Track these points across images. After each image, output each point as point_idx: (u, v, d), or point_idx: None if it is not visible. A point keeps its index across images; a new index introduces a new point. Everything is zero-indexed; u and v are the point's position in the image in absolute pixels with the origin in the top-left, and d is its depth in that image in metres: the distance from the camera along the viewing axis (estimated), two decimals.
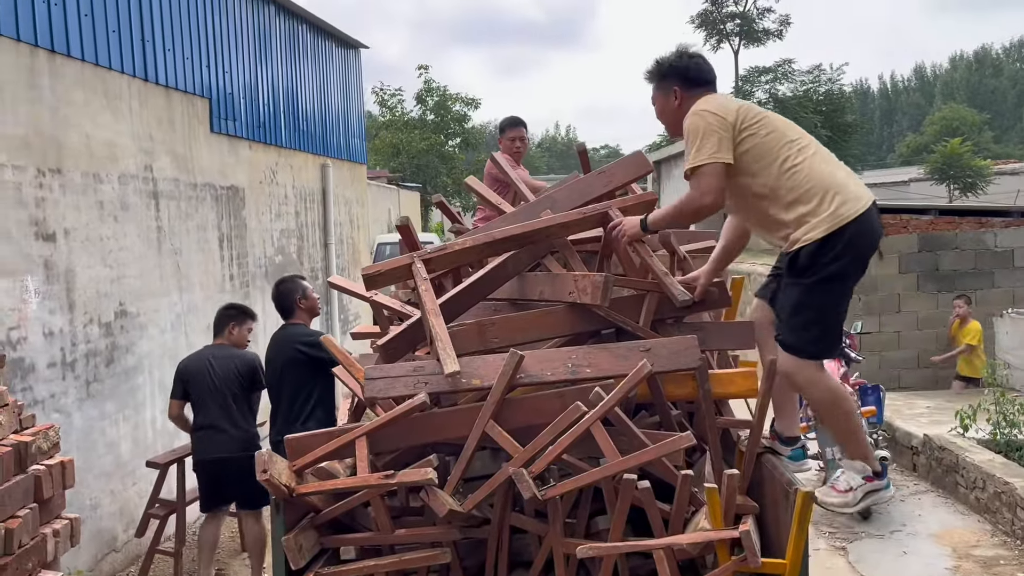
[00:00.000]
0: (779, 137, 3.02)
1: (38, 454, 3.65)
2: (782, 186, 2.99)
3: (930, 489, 6.94)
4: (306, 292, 5.15)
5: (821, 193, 2.95)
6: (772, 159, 3.00)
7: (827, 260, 2.93)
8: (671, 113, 3.27)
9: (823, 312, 3.02)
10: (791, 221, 2.98)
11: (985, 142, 47.15)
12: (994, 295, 9.92)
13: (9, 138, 4.81)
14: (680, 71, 3.24)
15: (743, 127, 3.00)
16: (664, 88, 3.27)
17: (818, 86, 28.15)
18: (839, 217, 2.92)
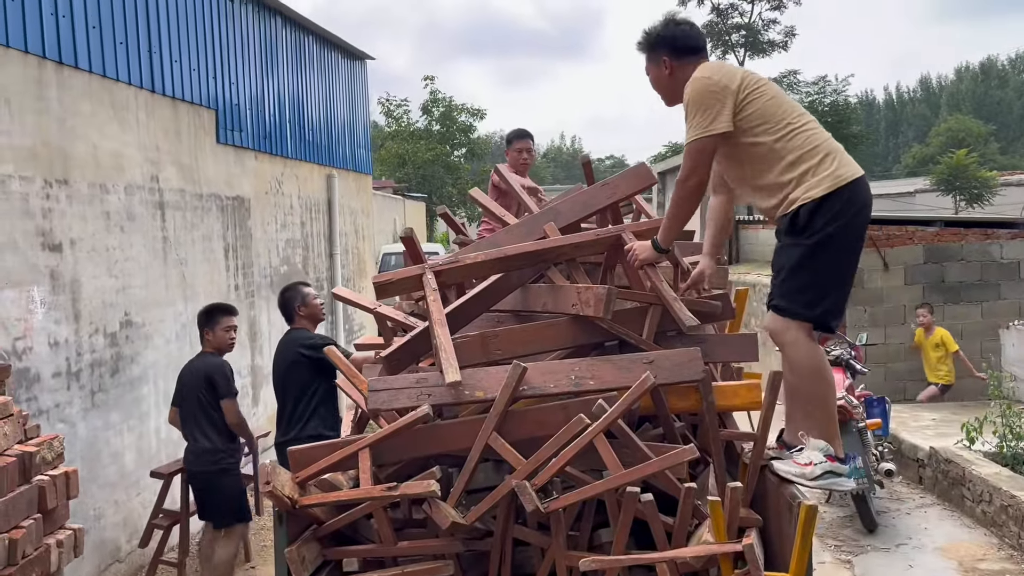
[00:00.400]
0: (781, 102, 3.07)
1: (42, 464, 3.66)
2: (784, 147, 3.00)
3: (936, 502, 6.90)
4: (306, 299, 5.18)
5: (822, 154, 2.99)
6: (775, 120, 3.02)
7: (827, 219, 2.93)
8: (664, 83, 3.28)
9: (819, 274, 2.98)
10: (791, 180, 2.99)
11: (991, 153, 47.04)
12: (1000, 307, 9.89)
13: (17, 149, 4.84)
14: (668, 40, 3.26)
15: (747, 91, 3.02)
16: (654, 58, 3.28)
17: (823, 97, 28.15)
18: (839, 178, 2.95)
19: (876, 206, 3.28)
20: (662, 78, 3.27)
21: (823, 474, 2.94)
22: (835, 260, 2.99)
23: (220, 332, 5.22)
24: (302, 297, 5.19)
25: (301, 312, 5.17)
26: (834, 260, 2.99)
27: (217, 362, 5.17)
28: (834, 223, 2.94)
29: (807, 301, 2.98)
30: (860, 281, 9.81)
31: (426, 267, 3.30)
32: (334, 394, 5.02)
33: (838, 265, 3.01)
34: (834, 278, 3.01)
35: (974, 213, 27.91)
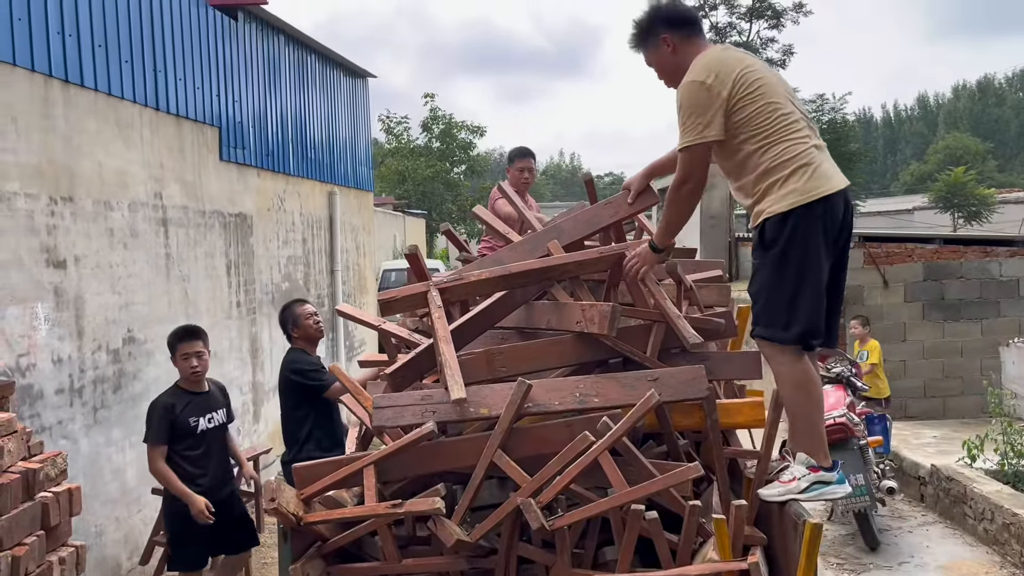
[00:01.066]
0: (770, 108, 2.98)
1: (46, 481, 3.66)
2: (759, 157, 2.97)
3: (938, 520, 6.89)
4: (298, 320, 5.01)
5: (794, 167, 2.93)
6: (759, 129, 2.96)
7: (788, 236, 2.90)
8: (670, 64, 3.19)
9: (787, 292, 2.93)
10: (759, 191, 2.98)
11: (989, 171, 47.25)
12: (1000, 324, 9.90)
13: (23, 166, 4.87)
14: (663, 17, 3.19)
15: (739, 96, 2.95)
16: (653, 41, 3.20)
17: (821, 115, 28.29)
18: (806, 193, 2.90)
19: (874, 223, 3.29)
20: (666, 58, 3.19)
21: (810, 486, 2.95)
22: (800, 277, 2.93)
23: (180, 363, 4.66)
24: (294, 319, 5.03)
25: (295, 334, 5.03)
26: (799, 277, 2.93)
27: (154, 403, 4.65)
28: (796, 239, 2.90)
29: (783, 323, 2.95)
30: (860, 298, 9.83)
31: (431, 284, 3.32)
32: (330, 415, 4.93)
33: (804, 282, 2.93)
34: (804, 296, 2.94)
35: (973, 230, 27.98)
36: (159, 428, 4.52)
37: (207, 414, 4.66)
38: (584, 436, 2.73)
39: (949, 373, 9.90)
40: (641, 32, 3.25)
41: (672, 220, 3.19)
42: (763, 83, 3.00)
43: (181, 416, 4.55)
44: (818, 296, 2.97)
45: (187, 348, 4.64)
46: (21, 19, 4.89)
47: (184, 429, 4.55)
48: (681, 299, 3.59)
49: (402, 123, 33.96)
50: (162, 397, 4.65)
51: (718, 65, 3.00)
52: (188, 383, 4.66)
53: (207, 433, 4.64)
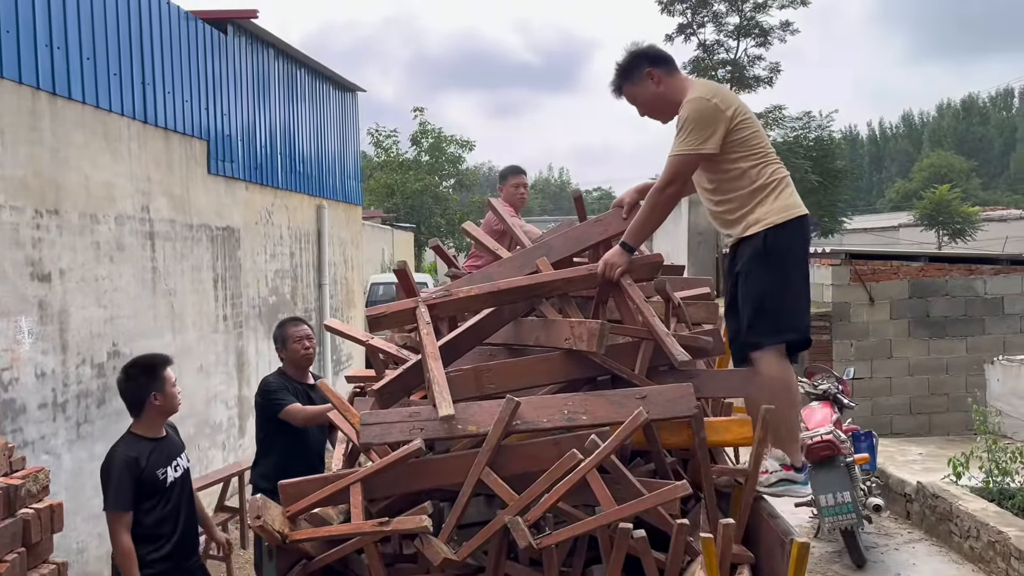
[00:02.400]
0: (759, 136, 3.28)
1: (27, 497, 3.61)
2: (756, 173, 3.22)
3: (924, 537, 6.90)
4: (286, 342, 4.68)
5: (784, 186, 3.24)
6: (755, 150, 3.23)
7: (787, 244, 3.19)
8: (655, 96, 3.34)
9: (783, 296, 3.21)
10: (756, 203, 3.21)
11: (973, 189, 47.76)
12: (985, 341, 9.98)
13: (8, 179, 4.85)
14: (646, 55, 3.38)
15: (738, 119, 3.20)
16: (639, 76, 3.35)
17: (808, 132, 28.47)
18: (799, 207, 3.23)
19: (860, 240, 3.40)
20: (651, 91, 3.34)
21: (778, 482, 3.18)
22: (791, 281, 3.23)
23: (170, 390, 3.83)
24: (283, 339, 4.72)
25: (282, 356, 4.77)
26: (790, 281, 3.23)
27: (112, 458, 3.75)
28: (791, 247, 3.21)
29: (789, 326, 3.23)
30: (846, 315, 9.89)
31: (419, 300, 3.32)
32: (285, 445, 4.52)
33: (795, 286, 3.26)
34: (794, 299, 3.25)
35: (957, 248, 28.23)
36: (125, 490, 3.65)
37: (172, 461, 3.83)
38: (572, 454, 2.72)
39: (934, 390, 9.96)
40: (625, 70, 3.39)
41: (648, 220, 3.30)
42: (751, 116, 3.29)
43: (148, 469, 3.70)
44: (806, 300, 3.35)
45: (171, 374, 3.84)
46: (9, 31, 4.88)
47: (152, 485, 3.71)
48: (670, 316, 3.59)
49: (391, 137, 34.04)
50: (119, 450, 3.72)
51: (720, 89, 3.30)
52: (156, 424, 3.81)
53: (175, 484, 3.82)
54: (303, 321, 4.90)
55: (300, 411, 4.45)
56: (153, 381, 3.76)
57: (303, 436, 4.58)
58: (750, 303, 3.24)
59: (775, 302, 3.19)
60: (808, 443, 6.11)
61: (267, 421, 4.61)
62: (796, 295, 3.25)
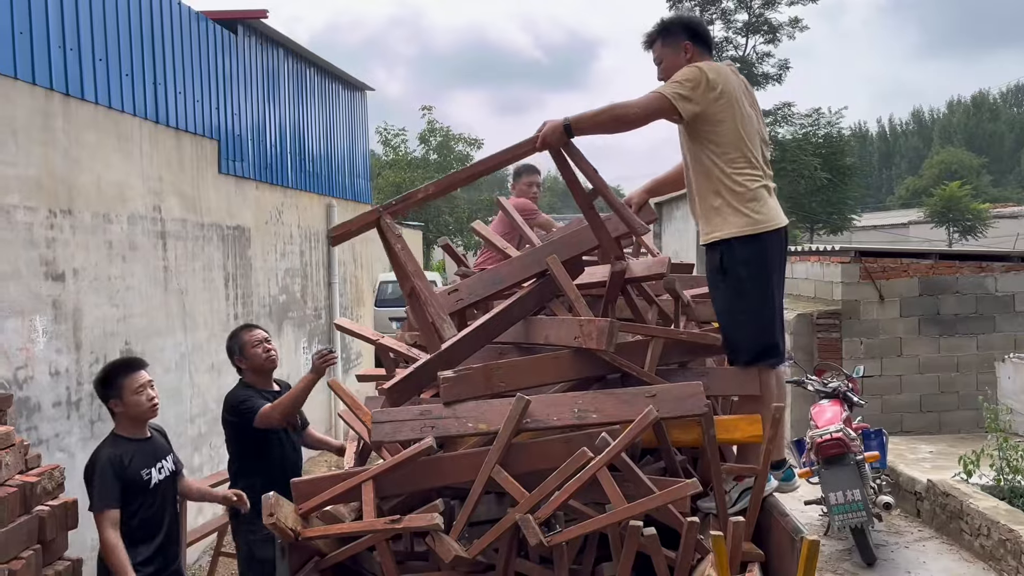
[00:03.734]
0: (745, 133, 3.19)
1: (42, 495, 3.66)
2: (721, 175, 3.19)
3: (934, 535, 6.89)
4: (244, 349, 4.23)
5: (747, 199, 3.17)
6: (730, 148, 3.18)
7: (741, 260, 3.17)
8: (681, 67, 3.30)
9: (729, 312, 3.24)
10: (717, 208, 3.20)
11: (983, 186, 47.48)
12: (996, 339, 9.93)
13: (23, 179, 4.89)
14: (691, 26, 3.39)
15: (720, 104, 3.15)
16: (673, 43, 3.36)
17: (817, 129, 28.36)
18: (755, 224, 3.16)
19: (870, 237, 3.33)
20: (679, 62, 3.33)
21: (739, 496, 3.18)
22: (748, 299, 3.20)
23: (131, 397, 3.64)
24: (240, 347, 4.25)
25: (242, 365, 4.27)
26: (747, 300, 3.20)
27: (96, 458, 3.66)
28: (751, 263, 3.17)
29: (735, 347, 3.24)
30: (856, 313, 9.87)
31: (381, 209, 3.39)
32: (254, 465, 4.14)
33: (753, 304, 3.20)
34: (753, 318, 3.20)
35: (968, 245, 28.10)
36: (110, 487, 3.53)
37: (157, 462, 3.72)
38: (582, 452, 2.73)
39: (945, 388, 9.92)
40: (666, 30, 3.40)
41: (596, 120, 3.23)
42: (743, 114, 3.22)
43: (131, 469, 3.59)
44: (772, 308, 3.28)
45: (137, 380, 3.66)
46: (23, 33, 4.92)
47: (136, 485, 3.59)
48: (679, 314, 3.61)
49: (399, 135, 34.07)
50: (102, 450, 3.66)
51: (723, 72, 3.23)
52: (135, 426, 3.70)
53: (160, 486, 3.70)
54: (257, 326, 4.50)
55: (275, 407, 4.02)
56: (109, 389, 3.67)
57: (281, 456, 4.17)
58: (724, 320, 3.30)
59: (732, 321, 3.21)
60: (818, 441, 6.11)
61: (243, 442, 4.15)
62: (754, 314, 3.19)
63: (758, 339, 3.22)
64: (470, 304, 3.57)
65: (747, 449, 3.29)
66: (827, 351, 9.73)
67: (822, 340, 9.85)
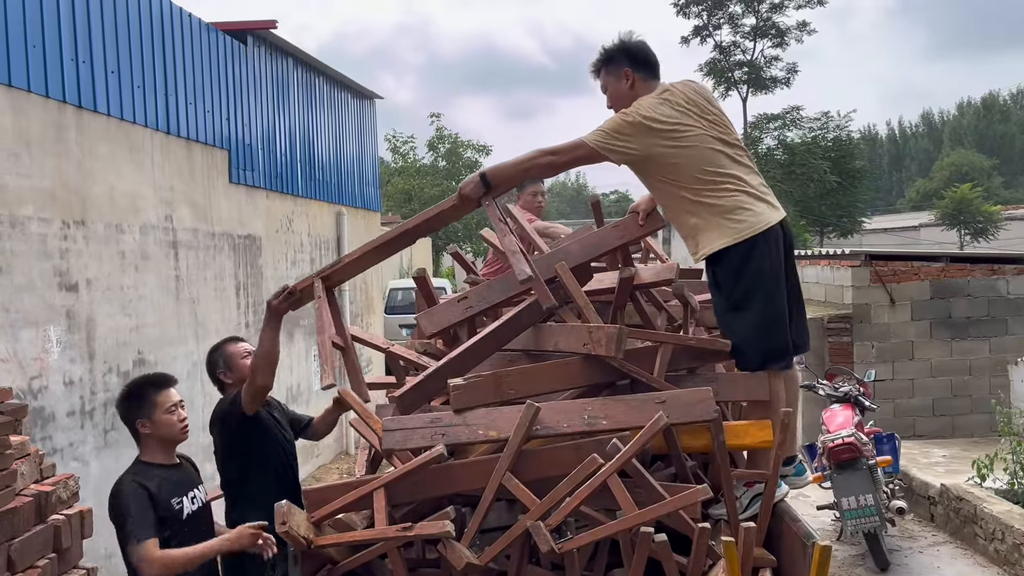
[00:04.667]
0: (711, 157, 3.14)
1: (57, 504, 3.69)
2: (687, 197, 3.18)
3: (948, 540, 6.85)
4: (229, 362, 3.80)
5: (719, 213, 3.14)
6: (689, 174, 3.15)
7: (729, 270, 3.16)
8: (624, 97, 3.33)
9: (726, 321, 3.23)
10: (694, 225, 3.20)
11: (994, 188, 47.24)
12: (1008, 342, 9.88)
13: (37, 191, 4.94)
14: (628, 51, 3.37)
15: (671, 141, 3.11)
16: (614, 70, 3.36)
17: (826, 132, 28.34)
18: (735, 234, 3.11)
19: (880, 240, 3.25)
20: (622, 91, 3.34)
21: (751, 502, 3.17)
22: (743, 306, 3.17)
23: (162, 417, 3.26)
24: (225, 360, 3.82)
25: (227, 379, 3.80)
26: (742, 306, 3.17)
27: (119, 490, 3.17)
28: (739, 271, 3.14)
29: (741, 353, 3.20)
30: (867, 316, 9.84)
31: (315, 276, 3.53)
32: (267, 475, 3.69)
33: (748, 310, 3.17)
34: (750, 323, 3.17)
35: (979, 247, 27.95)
36: (143, 516, 3.07)
37: (189, 491, 3.31)
38: (593, 458, 2.74)
39: (957, 392, 9.87)
40: (606, 58, 3.41)
41: (514, 170, 3.28)
42: (692, 137, 3.14)
43: (161, 497, 3.16)
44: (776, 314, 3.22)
45: (169, 398, 3.29)
46: (36, 46, 4.98)
47: (167, 514, 3.16)
48: (688, 320, 3.61)
49: (408, 142, 34.19)
50: (126, 478, 3.21)
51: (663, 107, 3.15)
52: (164, 450, 3.32)
53: (193, 518, 3.27)
54: (240, 338, 4.08)
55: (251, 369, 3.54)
56: (140, 407, 3.27)
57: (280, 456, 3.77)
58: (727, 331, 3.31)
59: (735, 329, 3.21)
60: (830, 446, 6.10)
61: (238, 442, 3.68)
62: (756, 320, 3.16)
63: (763, 344, 3.19)
64: (479, 312, 3.59)
65: (757, 454, 3.28)
66: (838, 355, 9.70)
67: (833, 344, 9.82)
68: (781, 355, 3.25)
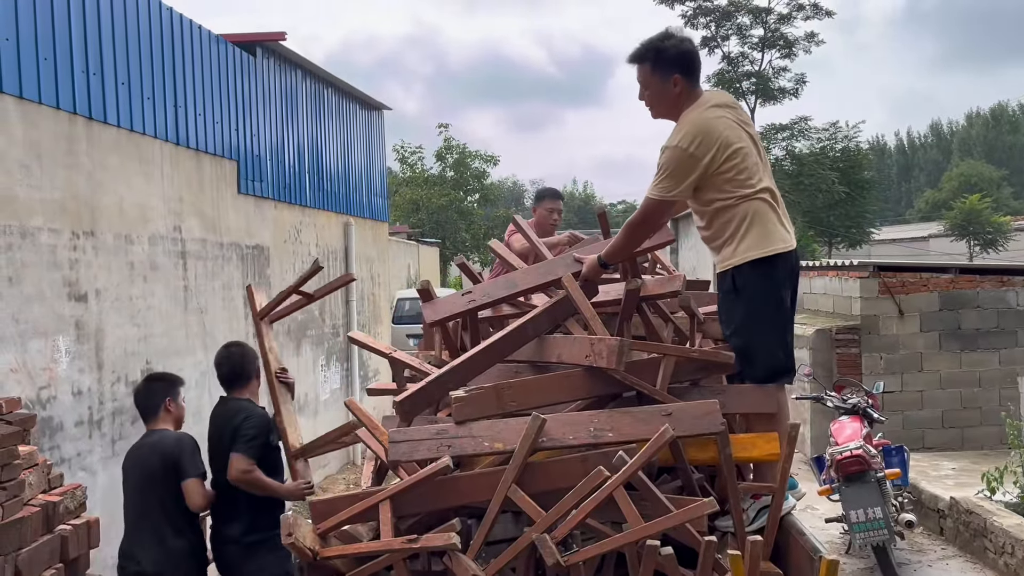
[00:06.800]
0: (744, 169, 3.21)
1: (65, 514, 3.71)
2: (730, 211, 3.23)
3: (958, 554, 6.80)
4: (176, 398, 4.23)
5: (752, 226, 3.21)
6: (731, 189, 3.22)
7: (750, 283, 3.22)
8: (667, 100, 3.33)
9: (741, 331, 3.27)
10: (727, 238, 3.25)
11: (1004, 198, 47.07)
12: (1018, 354, 9.82)
13: (47, 202, 4.98)
14: (683, 58, 3.32)
15: (717, 164, 3.18)
16: (664, 73, 3.30)
17: (835, 143, 28.27)
18: (761, 248, 3.21)
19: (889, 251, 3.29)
20: (668, 96, 3.32)
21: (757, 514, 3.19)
22: (759, 319, 3.23)
23: (181, 403, 4.25)
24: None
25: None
26: (758, 319, 3.23)
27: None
28: (760, 286, 3.22)
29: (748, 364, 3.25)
30: (876, 328, 9.80)
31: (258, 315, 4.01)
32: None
33: (763, 324, 3.24)
34: (763, 337, 3.24)
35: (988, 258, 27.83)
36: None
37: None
38: (599, 471, 2.74)
39: (967, 404, 9.82)
40: (659, 58, 3.32)
41: (622, 247, 3.40)
42: (740, 150, 3.22)
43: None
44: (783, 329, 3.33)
45: (182, 392, 4.27)
46: (47, 58, 5.03)
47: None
48: (695, 331, 3.61)
49: (416, 153, 34.31)
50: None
51: (704, 131, 3.19)
52: (178, 426, 4.21)
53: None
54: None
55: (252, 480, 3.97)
56: (171, 389, 4.20)
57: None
58: (727, 339, 3.36)
59: (745, 340, 3.25)
60: (838, 458, 6.06)
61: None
62: (763, 335, 3.23)
63: (776, 358, 3.25)
64: (481, 306, 3.58)
65: (763, 467, 3.27)
66: (846, 367, 9.66)
67: (841, 355, 9.78)
68: (791, 370, 3.32)
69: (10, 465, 3.39)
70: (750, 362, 3.24)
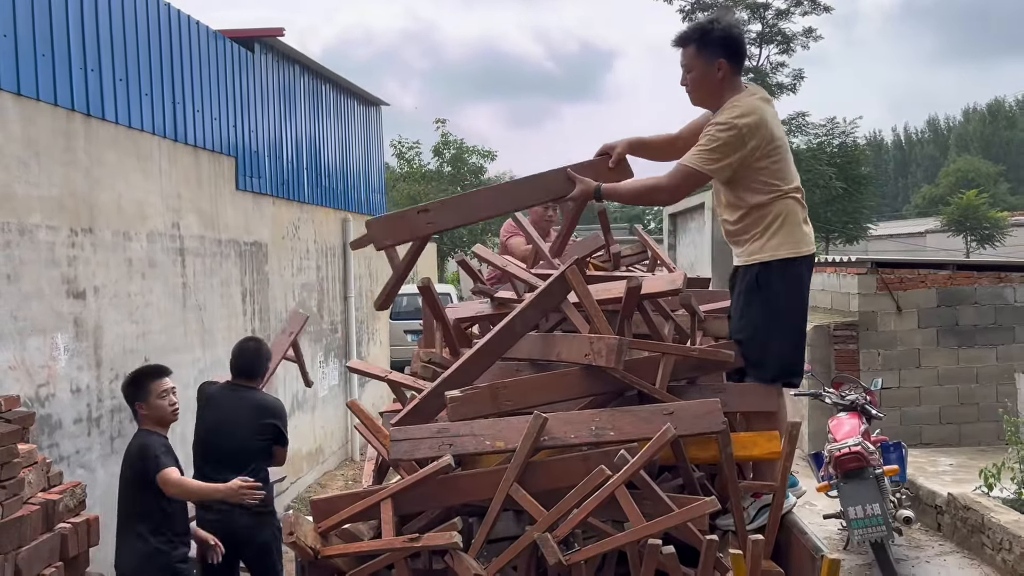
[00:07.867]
0: (782, 167, 3.24)
1: (64, 512, 3.70)
2: (762, 208, 3.23)
3: (955, 549, 6.82)
4: (148, 398, 4.20)
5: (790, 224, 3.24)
6: (768, 183, 3.22)
7: (774, 282, 3.22)
8: (710, 85, 3.25)
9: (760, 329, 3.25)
10: (756, 234, 3.24)
11: (1001, 194, 47.20)
12: (1015, 350, 9.84)
13: (45, 200, 4.96)
14: (731, 41, 3.25)
15: (760, 152, 3.17)
16: (709, 56, 3.22)
17: (832, 138, 28.30)
18: (789, 247, 3.23)
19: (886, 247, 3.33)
20: (710, 78, 3.24)
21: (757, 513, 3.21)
22: (779, 318, 3.24)
23: (155, 401, 4.15)
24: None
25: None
26: (778, 318, 3.23)
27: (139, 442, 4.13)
28: (783, 286, 3.22)
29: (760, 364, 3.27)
30: (873, 324, 9.81)
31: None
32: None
33: (782, 324, 3.25)
34: (780, 337, 3.25)
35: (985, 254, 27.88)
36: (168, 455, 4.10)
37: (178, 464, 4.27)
38: (600, 470, 2.74)
39: (964, 400, 9.83)
40: (702, 38, 3.25)
41: (629, 195, 3.44)
42: (779, 146, 3.24)
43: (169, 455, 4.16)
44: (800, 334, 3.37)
45: (161, 385, 4.21)
46: (45, 55, 5.00)
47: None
48: (695, 330, 3.61)
49: (413, 148, 34.25)
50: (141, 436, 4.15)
51: (758, 116, 3.17)
52: (163, 425, 4.24)
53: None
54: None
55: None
56: (136, 392, 4.19)
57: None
58: (740, 335, 3.33)
59: (762, 338, 3.24)
60: (836, 455, 6.07)
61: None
62: (782, 334, 3.24)
63: (790, 359, 3.27)
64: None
65: (764, 466, 3.28)
66: (844, 363, 9.67)
67: (839, 352, 9.79)
68: (799, 372, 3.34)
69: (9, 463, 3.38)
70: (762, 360, 3.23)
